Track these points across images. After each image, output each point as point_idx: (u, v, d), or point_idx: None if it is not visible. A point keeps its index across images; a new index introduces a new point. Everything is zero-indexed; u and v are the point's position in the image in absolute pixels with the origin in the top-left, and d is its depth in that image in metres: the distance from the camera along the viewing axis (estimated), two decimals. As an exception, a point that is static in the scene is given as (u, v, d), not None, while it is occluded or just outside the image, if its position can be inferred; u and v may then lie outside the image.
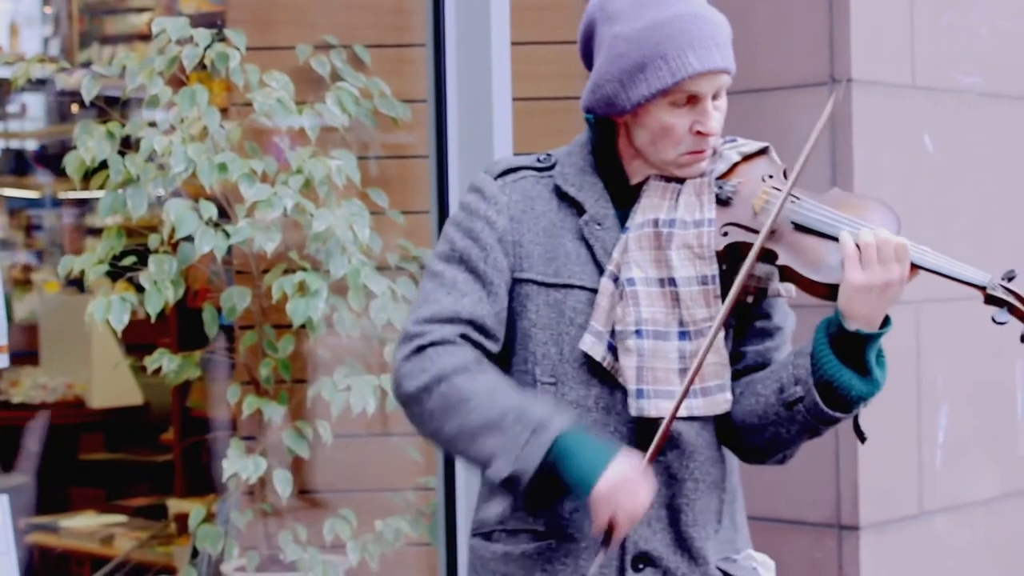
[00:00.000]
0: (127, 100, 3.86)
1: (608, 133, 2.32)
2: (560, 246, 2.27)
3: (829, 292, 2.19)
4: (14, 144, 9.05)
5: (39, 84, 7.42)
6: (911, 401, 3.96)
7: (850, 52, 3.80)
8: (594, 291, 2.25)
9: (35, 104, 8.91)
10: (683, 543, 2.28)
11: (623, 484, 2.11)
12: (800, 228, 2.22)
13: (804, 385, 2.20)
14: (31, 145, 8.97)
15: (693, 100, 2.22)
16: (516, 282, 2.29)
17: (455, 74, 3.77)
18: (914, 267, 2.17)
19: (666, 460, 2.26)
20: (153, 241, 3.71)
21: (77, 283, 4.70)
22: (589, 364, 2.25)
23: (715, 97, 2.25)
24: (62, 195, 8.49)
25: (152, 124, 3.71)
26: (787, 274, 2.23)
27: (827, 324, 2.20)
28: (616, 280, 2.24)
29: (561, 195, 2.30)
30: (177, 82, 3.75)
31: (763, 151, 2.36)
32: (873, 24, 3.88)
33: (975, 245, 4.19)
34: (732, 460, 2.39)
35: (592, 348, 2.24)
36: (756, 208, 2.25)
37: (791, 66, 3.92)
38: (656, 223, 2.25)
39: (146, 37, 4.12)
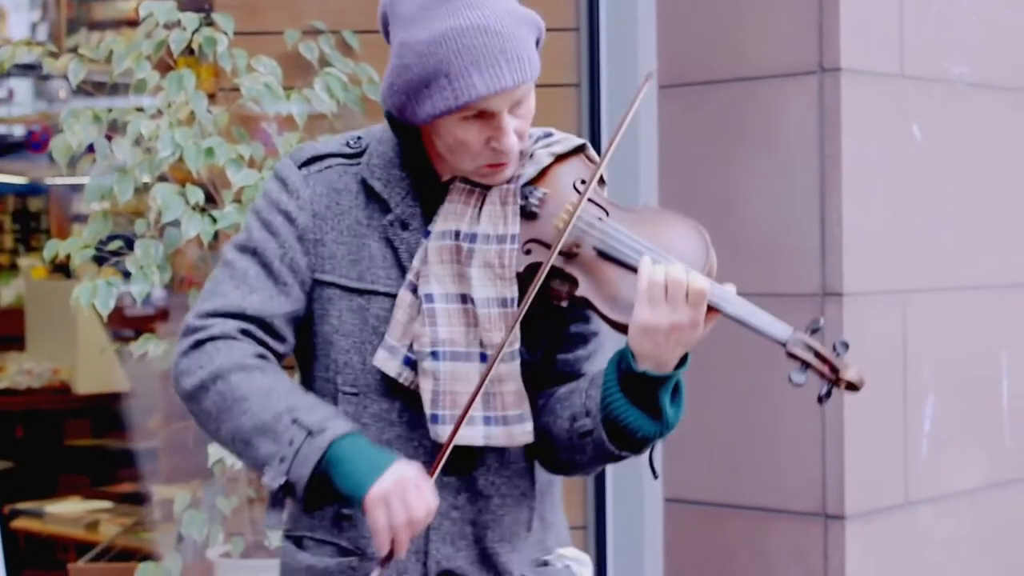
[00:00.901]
0: (114, 84, 3.84)
1: (413, 130, 2.15)
2: (365, 247, 2.14)
3: (626, 331, 2.03)
4: (1, 129, 9.03)
5: (26, 69, 7.41)
6: (897, 391, 3.97)
7: (839, 41, 3.80)
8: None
9: (22, 89, 8.89)
10: (488, 560, 2.17)
11: (399, 489, 1.96)
12: (603, 255, 2.06)
13: (593, 420, 2.07)
14: (18, 130, 8.96)
15: (486, 115, 2.04)
16: (317, 284, 2.15)
17: (444, 60, 3.76)
18: (712, 309, 2.00)
19: (473, 476, 2.15)
20: (139, 226, 3.69)
21: (63, 269, 4.69)
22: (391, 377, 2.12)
23: (517, 106, 2.06)
24: (49, 180, 8.47)
25: (139, 109, 3.70)
26: (585, 305, 2.06)
27: (619, 359, 2.05)
28: (415, 291, 2.10)
29: (368, 188, 2.15)
30: (164, 66, 3.73)
31: (578, 150, 2.16)
32: (862, 13, 3.87)
33: (963, 235, 4.19)
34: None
35: (385, 364, 2.11)
36: (559, 224, 2.07)
37: (780, 55, 3.92)
38: (457, 235, 2.09)
39: (134, 23, 4.10)
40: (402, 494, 1.97)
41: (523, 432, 2.12)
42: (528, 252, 2.08)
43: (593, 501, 4.10)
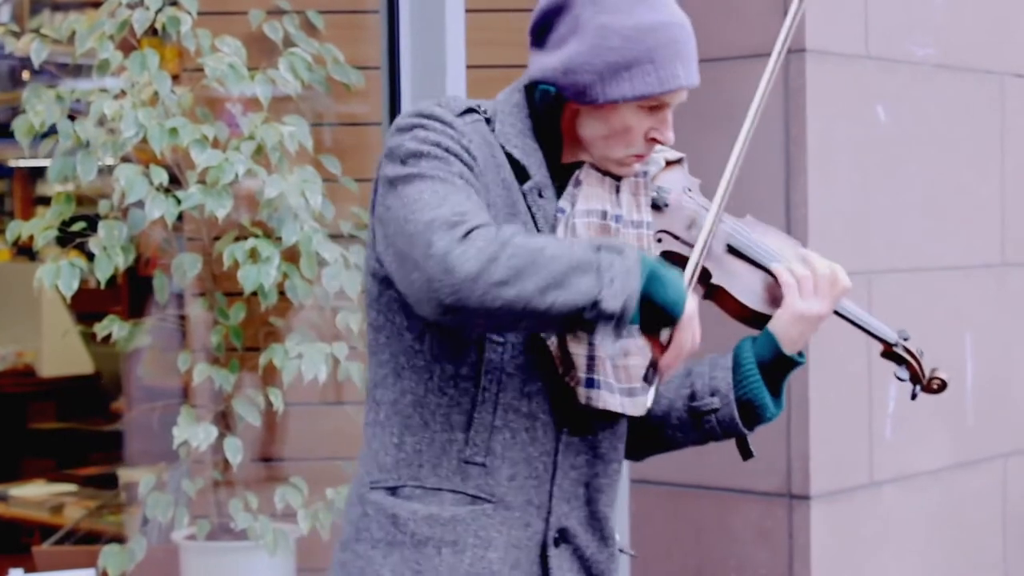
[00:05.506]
0: (77, 65, 3.82)
1: (553, 106, 2.21)
2: (517, 204, 2.15)
3: (753, 318, 2.28)
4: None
5: (-12, 49, 7.34)
6: (862, 372, 3.98)
7: (804, 22, 3.80)
8: None
9: (-16, 70, 8.82)
10: (596, 523, 2.25)
11: (696, 315, 2.09)
12: (733, 251, 2.30)
13: (723, 399, 2.29)
14: (-20, 111, 8.89)
15: (658, 108, 2.19)
16: None
17: (409, 41, 3.75)
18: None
19: (597, 439, 2.23)
20: (103, 207, 3.68)
21: (27, 251, 4.67)
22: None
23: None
24: (12, 162, 8.42)
25: (103, 89, 3.68)
26: (717, 294, 2.28)
27: (753, 344, 2.29)
28: None
29: (506, 153, 2.18)
30: (128, 47, 3.71)
31: (679, 161, 2.38)
32: (828, -6, 3.88)
33: (927, 216, 4.21)
34: None
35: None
36: (687, 221, 2.29)
37: (745, 35, 3.92)
38: (604, 215, 2.19)
39: (97, 3, 4.09)
40: (696, 320, 2.09)
41: (644, 404, 2.21)
42: (659, 240, 2.26)
43: (559, 482, 4.11)
